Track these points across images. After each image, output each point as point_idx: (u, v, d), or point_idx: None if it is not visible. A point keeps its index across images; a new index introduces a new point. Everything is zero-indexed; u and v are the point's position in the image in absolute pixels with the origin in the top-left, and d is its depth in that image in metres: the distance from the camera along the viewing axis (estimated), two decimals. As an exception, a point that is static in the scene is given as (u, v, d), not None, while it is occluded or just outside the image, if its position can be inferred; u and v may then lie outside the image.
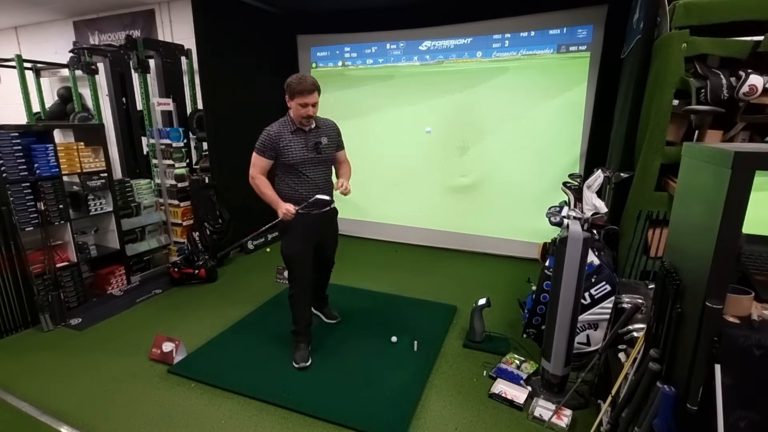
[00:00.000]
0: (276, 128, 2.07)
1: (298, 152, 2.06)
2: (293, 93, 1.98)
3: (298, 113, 2.00)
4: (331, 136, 2.17)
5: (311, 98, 1.98)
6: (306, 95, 1.96)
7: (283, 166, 2.11)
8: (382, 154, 4.20)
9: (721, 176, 0.84)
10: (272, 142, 2.05)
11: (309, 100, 1.97)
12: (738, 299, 0.92)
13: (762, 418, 0.91)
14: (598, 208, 1.90)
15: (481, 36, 3.63)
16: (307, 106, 1.98)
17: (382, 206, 4.29)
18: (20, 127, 2.66)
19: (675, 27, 1.83)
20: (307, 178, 2.10)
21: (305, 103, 1.97)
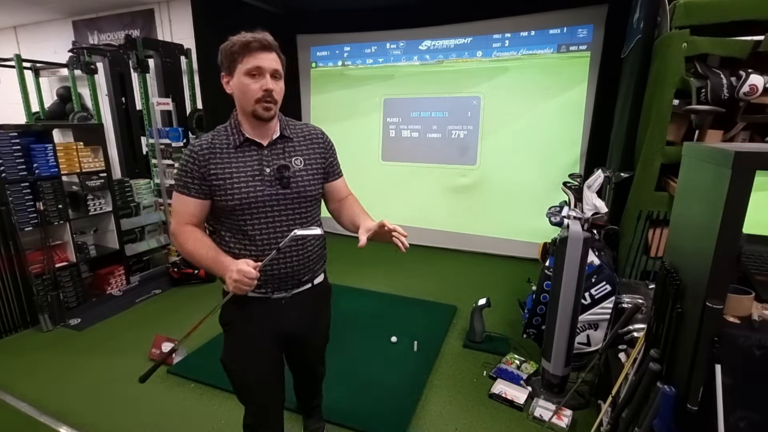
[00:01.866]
0: (207, 141, 1.11)
1: (244, 183, 1.10)
2: (232, 57, 1.07)
3: (247, 95, 1.07)
4: (312, 155, 1.19)
5: (265, 58, 1.06)
6: (255, 53, 1.05)
7: (219, 214, 1.15)
8: (382, 154, 4.20)
9: (722, 176, 0.84)
10: (199, 166, 1.09)
11: (262, 61, 1.05)
12: (738, 299, 0.92)
13: (762, 418, 0.90)
14: (598, 208, 1.90)
15: (481, 35, 3.63)
16: (261, 74, 1.06)
17: (382, 206, 4.29)
18: (19, 126, 2.66)
19: (675, 26, 1.83)
20: (262, 236, 1.14)
21: (257, 68, 1.05)
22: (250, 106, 1.08)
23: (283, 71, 1.12)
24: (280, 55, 1.10)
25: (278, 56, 1.10)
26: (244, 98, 1.08)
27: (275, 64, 1.08)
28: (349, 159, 4.28)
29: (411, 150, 4.08)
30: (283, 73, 1.12)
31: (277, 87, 1.08)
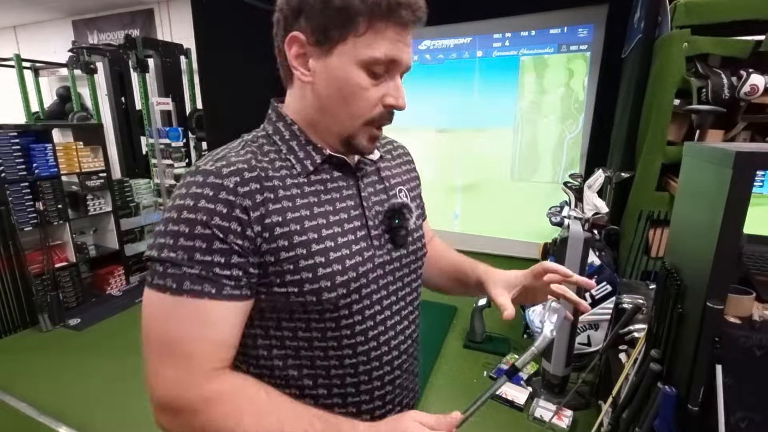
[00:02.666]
0: (244, 162, 0.52)
1: (344, 246, 0.55)
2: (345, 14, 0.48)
3: (352, 104, 0.52)
4: (411, 185, 0.74)
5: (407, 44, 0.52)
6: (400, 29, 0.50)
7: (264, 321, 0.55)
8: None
9: (723, 176, 0.84)
10: (240, 220, 0.49)
11: (402, 50, 0.51)
12: (739, 299, 0.92)
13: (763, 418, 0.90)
14: (598, 208, 1.90)
15: (481, 35, 3.62)
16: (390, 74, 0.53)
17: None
18: (19, 126, 2.65)
19: (676, 26, 1.83)
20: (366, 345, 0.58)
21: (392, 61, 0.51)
22: (349, 126, 0.54)
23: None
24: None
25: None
26: (340, 107, 0.52)
27: (411, 52, 0.53)
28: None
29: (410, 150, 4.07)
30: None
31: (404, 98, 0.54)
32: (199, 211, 0.47)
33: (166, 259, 0.47)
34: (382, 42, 0.49)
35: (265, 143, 0.56)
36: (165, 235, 0.48)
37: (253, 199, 0.50)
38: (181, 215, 0.48)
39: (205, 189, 0.48)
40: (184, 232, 0.47)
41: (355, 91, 0.51)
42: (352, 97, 0.52)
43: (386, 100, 0.53)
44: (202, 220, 0.47)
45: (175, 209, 0.48)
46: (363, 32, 0.49)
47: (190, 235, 0.47)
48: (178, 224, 0.48)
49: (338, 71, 0.51)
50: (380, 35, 0.49)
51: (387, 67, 0.52)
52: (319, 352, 0.56)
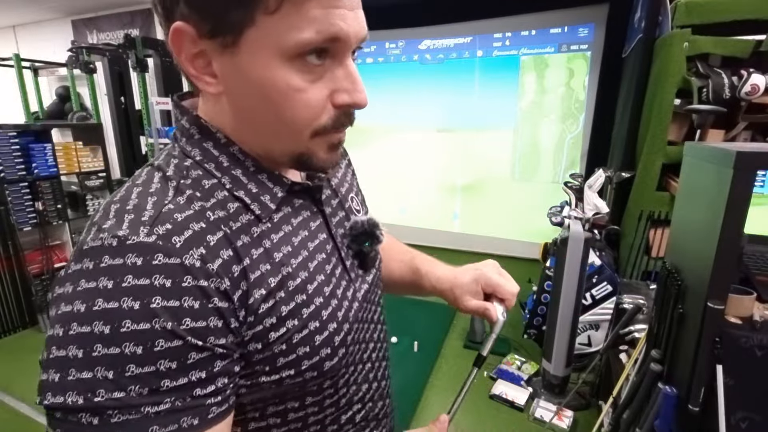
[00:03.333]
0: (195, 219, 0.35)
1: (327, 294, 0.43)
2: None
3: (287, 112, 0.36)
4: (355, 186, 0.60)
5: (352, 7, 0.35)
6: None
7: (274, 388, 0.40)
8: (381, 154, 4.20)
9: (723, 176, 0.84)
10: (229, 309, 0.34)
11: (347, 19, 0.34)
12: (740, 300, 0.91)
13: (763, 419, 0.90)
14: (599, 208, 1.90)
15: (481, 35, 3.62)
16: (337, 56, 0.36)
17: (381, 206, 4.28)
18: (18, 126, 2.65)
19: (676, 26, 1.83)
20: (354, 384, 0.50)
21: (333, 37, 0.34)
22: (295, 144, 0.39)
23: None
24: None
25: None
26: (272, 120, 0.38)
27: (363, 18, 0.38)
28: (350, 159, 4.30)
29: (410, 149, 4.07)
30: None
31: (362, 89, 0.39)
32: (155, 317, 0.31)
33: (105, 405, 0.29)
34: (309, 14, 0.33)
35: (201, 176, 0.38)
36: (90, 366, 0.30)
37: (231, 274, 0.35)
38: (121, 328, 0.30)
39: (155, 278, 0.31)
40: (135, 355, 0.30)
41: (286, 95, 0.35)
42: (286, 106, 0.36)
43: (337, 98, 0.37)
44: (165, 329, 0.31)
45: (101, 319, 0.30)
46: (275, 7, 0.32)
47: (146, 356, 0.30)
48: (115, 344, 0.30)
49: (256, 71, 0.35)
50: (305, 6, 0.33)
51: (327, 51, 0.35)
52: (315, 426, 0.46)
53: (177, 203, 0.36)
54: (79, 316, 0.30)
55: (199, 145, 0.39)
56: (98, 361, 0.30)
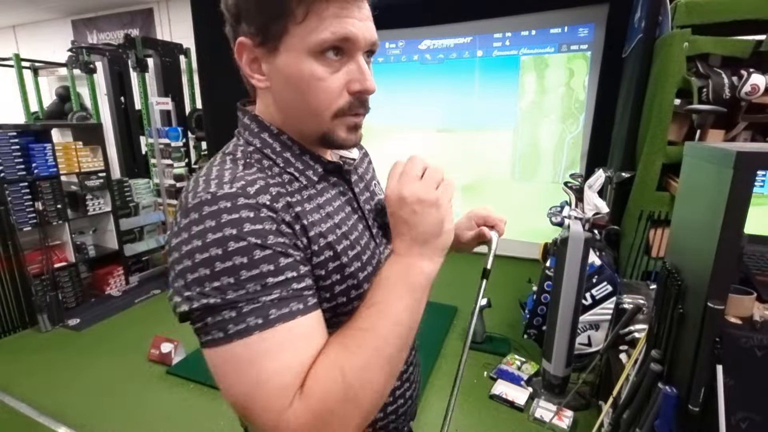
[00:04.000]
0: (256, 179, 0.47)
1: (360, 247, 0.55)
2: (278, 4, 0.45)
3: (315, 99, 0.48)
4: (374, 172, 0.77)
5: (360, 17, 0.48)
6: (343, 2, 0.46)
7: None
8: (381, 154, 4.19)
9: (723, 176, 0.84)
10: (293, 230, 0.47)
11: (355, 26, 0.47)
12: (740, 300, 0.91)
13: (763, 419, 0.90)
14: (599, 208, 1.90)
15: (481, 35, 3.62)
16: (350, 54, 0.48)
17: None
18: (18, 126, 2.65)
19: (677, 26, 1.83)
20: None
21: (345, 38, 0.46)
22: (320, 125, 0.50)
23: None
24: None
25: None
26: (301, 105, 0.49)
27: (373, 29, 0.51)
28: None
29: (410, 149, 4.07)
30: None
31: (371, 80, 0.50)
32: (249, 236, 0.42)
33: (236, 299, 0.41)
34: (326, 22, 0.45)
35: (260, 158, 0.51)
36: (217, 277, 0.42)
37: (290, 213, 0.47)
38: (228, 248, 0.42)
39: (242, 212, 0.43)
40: (243, 264, 0.42)
41: (311, 83, 0.47)
42: (310, 92, 0.48)
43: (351, 86, 0.49)
44: (257, 243, 0.43)
45: (214, 245, 0.42)
46: (302, 18, 0.45)
47: (250, 263, 0.42)
48: (228, 259, 0.42)
49: (290, 67, 0.47)
50: (322, 16, 0.45)
51: (342, 49, 0.47)
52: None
53: (246, 172, 0.48)
54: (198, 248, 0.42)
55: (258, 135, 0.52)
56: (221, 272, 0.42)
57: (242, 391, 0.42)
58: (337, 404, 0.42)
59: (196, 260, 0.42)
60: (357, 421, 0.43)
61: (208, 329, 0.42)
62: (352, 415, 0.43)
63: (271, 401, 0.41)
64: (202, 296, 0.42)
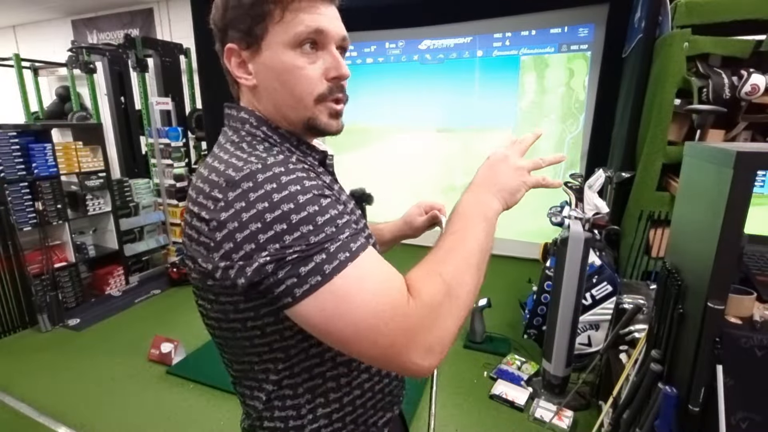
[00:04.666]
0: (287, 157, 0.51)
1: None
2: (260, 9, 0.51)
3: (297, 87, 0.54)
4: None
5: (329, 14, 0.55)
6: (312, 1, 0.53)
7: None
8: (381, 153, 4.20)
9: (723, 176, 0.84)
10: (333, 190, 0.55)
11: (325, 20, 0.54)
12: (740, 300, 0.91)
13: (763, 419, 0.90)
14: (599, 208, 1.90)
15: (481, 35, 3.62)
16: (323, 46, 0.54)
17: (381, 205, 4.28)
18: (18, 126, 2.65)
19: (677, 26, 1.83)
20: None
21: (318, 31, 0.53)
22: (304, 110, 0.54)
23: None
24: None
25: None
26: (287, 94, 0.54)
27: (342, 26, 0.57)
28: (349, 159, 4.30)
29: (411, 149, 4.07)
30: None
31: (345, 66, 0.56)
32: (312, 189, 0.47)
33: (321, 241, 0.45)
34: (299, 17, 0.52)
35: (268, 146, 0.54)
36: (296, 228, 0.45)
37: (321, 179, 0.52)
38: (298, 200, 0.46)
39: (296, 173, 0.48)
40: (316, 211, 0.46)
41: (293, 72, 0.53)
42: (293, 80, 0.53)
43: (328, 73, 0.55)
44: (320, 194, 0.48)
45: (284, 202, 0.45)
46: (280, 18, 0.51)
47: (321, 210, 0.47)
48: (302, 209, 0.45)
49: (273, 62, 0.53)
50: (296, 13, 0.52)
51: (316, 41, 0.53)
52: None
53: (272, 152, 0.51)
54: (267, 208, 0.45)
55: (258, 128, 0.55)
56: (299, 223, 0.45)
57: (363, 313, 0.45)
58: (444, 298, 0.49)
59: (266, 220, 0.44)
60: (460, 313, 0.51)
61: (302, 279, 0.45)
62: (456, 308, 0.50)
63: (396, 303, 0.46)
64: (285, 249, 0.44)
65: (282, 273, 0.45)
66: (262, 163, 0.47)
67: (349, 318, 0.45)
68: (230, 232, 0.45)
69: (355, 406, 0.61)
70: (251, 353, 0.55)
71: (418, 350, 0.47)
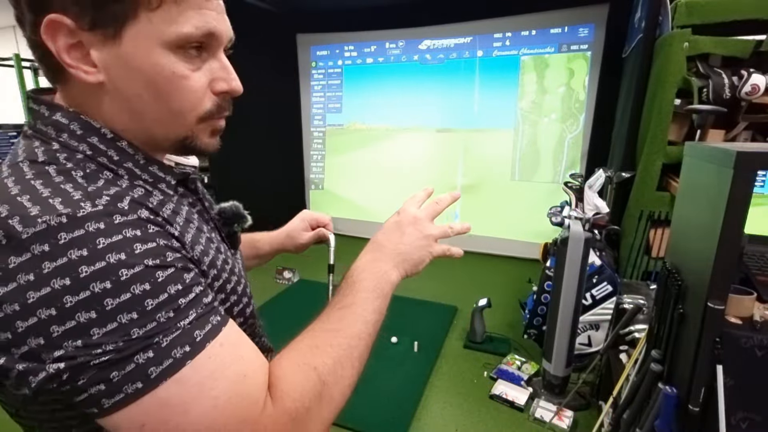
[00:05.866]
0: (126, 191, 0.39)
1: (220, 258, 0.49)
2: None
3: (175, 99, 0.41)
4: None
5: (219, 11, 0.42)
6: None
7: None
8: (381, 154, 4.20)
9: (723, 176, 0.84)
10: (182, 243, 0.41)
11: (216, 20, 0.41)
12: (740, 300, 0.91)
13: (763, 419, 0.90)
14: (599, 208, 1.90)
15: (481, 35, 3.62)
16: (211, 50, 0.42)
17: (381, 206, 4.29)
18: (18, 126, 2.66)
19: (677, 26, 1.83)
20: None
21: (209, 34, 0.41)
22: (182, 128, 0.44)
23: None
24: None
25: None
26: (158, 107, 0.42)
27: (229, 24, 0.46)
28: (350, 159, 4.30)
29: (411, 149, 4.07)
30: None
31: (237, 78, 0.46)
32: (144, 257, 0.35)
33: (147, 335, 0.34)
34: (186, 13, 0.38)
35: (96, 170, 0.39)
36: (112, 318, 0.33)
37: (169, 222, 0.41)
38: (120, 276, 0.33)
39: (125, 231, 0.35)
40: (146, 291, 0.34)
41: (173, 81, 0.40)
42: (173, 92, 0.40)
43: (216, 86, 0.43)
44: (157, 264, 0.36)
45: (96, 279, 0.32)
46: (157, 4, 0.37)
47: (155, 289, 0.35)
48: (124, 291, 0.33)
49: (140, 60, 0.38)
50: (181, 5, 0.38)
51: (203, 45, 0.41)
52: None
53: (97, 185, 0.37)
54: (66, 288, 0.32)
55: (84, 140, 0.40)
56: (117, 310, 0.33)
57: (208, 422, 0.35)
58: (313, 402, 0.41)
59: (66, 305, 0.32)
60: (331, 417, 0.43)
61: (116, 387, 0.33)
62: (327, 410, 0.43)
63: (246, 416, 0.37)
64: (91, 349, 0.32)
65: (83, 379, 0.32)
66: (68, 216, 0.33)
67: (190, 429, 0.35)
68: (8, 317, 0.31)
69: None
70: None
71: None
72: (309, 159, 4.52)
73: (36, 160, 0.38)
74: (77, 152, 0.39)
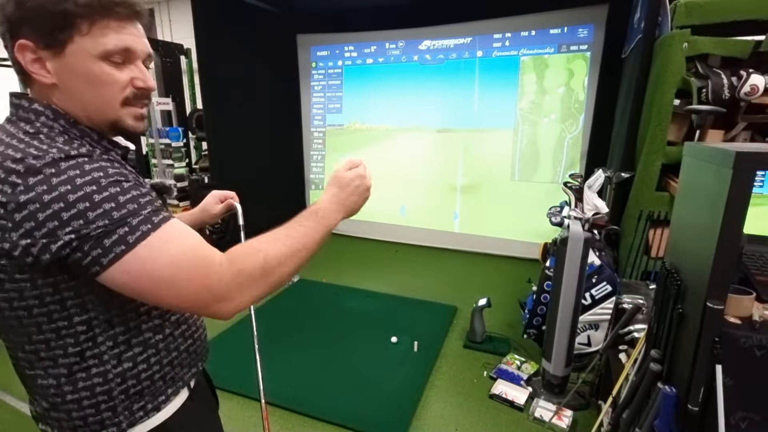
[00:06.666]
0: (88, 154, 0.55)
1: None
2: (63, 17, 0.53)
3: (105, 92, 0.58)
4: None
5: (137, 34, 0.60)
6: (122, 22, 0.57)
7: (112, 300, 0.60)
8: (381, 154, 4.20)
9: (723, 176, 0.84)
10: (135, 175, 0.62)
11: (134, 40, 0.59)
12: (739, 300, 0.92)
13: (763, 418, 0.90)
14: (599, 208, 1.90)
15: (481, 35, 3.63)
16: (130, 60, 0.60)
17: (381, 206, 4.29)
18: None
19: (676, 26, 1.83)
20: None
21: (126, 50, 0.58)
22: (111, 112, 0.59)
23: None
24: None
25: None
26: (94, 96, 0.57)
27: (147, 44, 0.62)
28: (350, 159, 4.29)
29: (411, 149, 4.07)
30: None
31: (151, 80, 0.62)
32: (115, 174, 0.54)
33: (123, 216, 0.52)
34: (109, 36, 0.56)
35: (67, 140, 0.56)
36: (99, 206, 0.51)
37: (124, 168, 0.58)
38: (101, 183, 0.52)
39: (100, 162, 0.54)
40: (118, 191, 0.53)
41: (102, 77, 0.57)
42: (102, 85, 0.57)
43: (135, 82, 0.60)
44: (123, 178, 0.54)
45: (87, 184, 0.51)
46: (87, 31, 0.55)
47: (123, 190, 0.53)
48: (105, 190, 0.52)
49: (78, 68, 0.56)
50: (104, 30, 0.56)
51: (124, 56, 0.58)
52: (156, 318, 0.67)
53: (74, 144, 0.56)
54: (69, 190, 0.50)
55: (56, 122, 0.57)
56: (102, 201, 0.51)
57: (170, 270, 0.53)
58: (255, 272, 0.58)
59: (70, 199, 0.49)
60: (263, 293, 0.60)
61: (107, 249, 0.51)
62: (265, 284, 0.60)
63: (203, 262, 0.55)
64: (89, 224, 0.50)
65: (87, 246, 0.50)
66: (65, 153, 0.52)
67: (157, 275, 0.53)
68: (31, 212, 0.49)
69: (162, 365, 0.68)
70: (47, 330, 0.58)
71: (220, 305, 0.57)
72: (309, 159, 4.52)
73: (27, 131, 0.55)
74: (53, 128, 0.56)
